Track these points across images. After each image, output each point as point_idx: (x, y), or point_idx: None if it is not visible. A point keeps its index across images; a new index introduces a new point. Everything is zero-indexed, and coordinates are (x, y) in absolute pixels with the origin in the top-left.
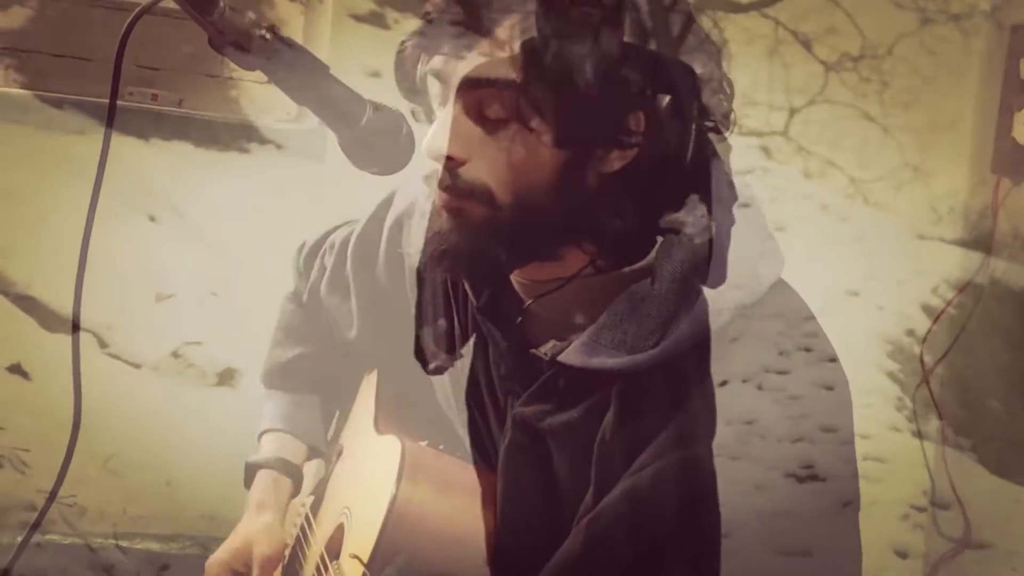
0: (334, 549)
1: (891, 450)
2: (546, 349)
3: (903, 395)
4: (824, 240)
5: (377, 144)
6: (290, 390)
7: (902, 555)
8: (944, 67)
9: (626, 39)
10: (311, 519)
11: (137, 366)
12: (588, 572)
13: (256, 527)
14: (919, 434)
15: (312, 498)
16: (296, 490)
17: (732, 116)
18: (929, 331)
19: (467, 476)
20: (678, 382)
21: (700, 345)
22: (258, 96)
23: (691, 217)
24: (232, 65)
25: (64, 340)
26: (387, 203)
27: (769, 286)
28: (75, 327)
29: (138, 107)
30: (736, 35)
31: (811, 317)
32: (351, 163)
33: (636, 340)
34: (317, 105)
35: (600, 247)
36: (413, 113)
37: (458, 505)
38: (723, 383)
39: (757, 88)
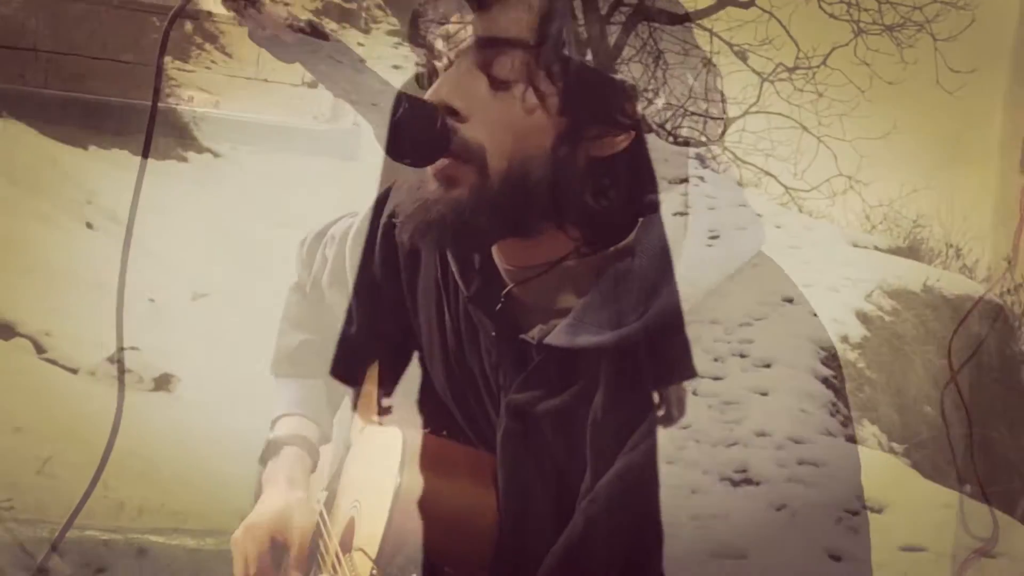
0: (347, 543)
1: (826, 454)
2: (533, 333)
3: (837, 400)
4: (759, 248)
5: (411, 136)
6: (299, 376)
7: (836, 558)
8: (878, 77)
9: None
10: (325, 515)
11: (74, 371)
12: (591, 553)
13: (294, 499)
14: (854, 438)
15: (326, 494)
16: (314, 467)
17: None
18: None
19: (470, 461)
20: (663, 354)
21: (680, 317)
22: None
23: (668, 196)
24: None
25: (2, 346)
26: (382, 200)
27: (705, 292)
28: (119, 355)
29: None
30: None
31: (747, 323)
32: (386, 154)
33: (620, 316)
34: (354, 97)
35: (583, 232)
36: (419, 76)
37: (462, 490)
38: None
39: (694, 99)
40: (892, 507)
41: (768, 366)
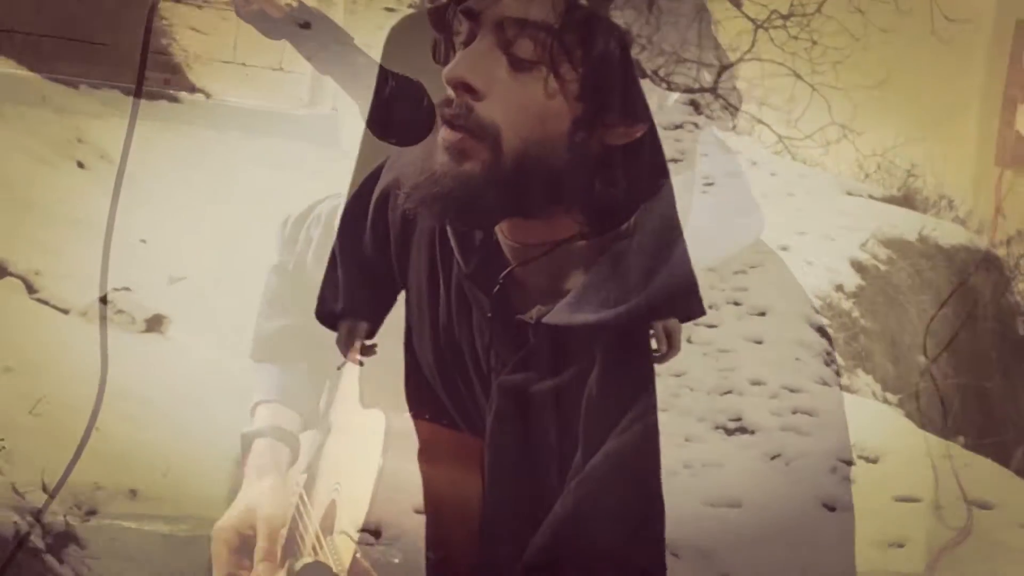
0: (328, 526)
1: (820, 404)
2: (532, 313)
3: (831, 349)
4: (754, 195)
5: (398, 114)
6: (279, 361)
7: (830, 508)
8: (873, 25)
9: None
10: (305, 497)
11: (65, 311)
12: (579, 532)
13: (258, 491)
14: (849, 388)
15: (305, 476)
16: (294, 457)
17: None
18: None
19: (453, 444)
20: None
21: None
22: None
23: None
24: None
25: None
26: (373, 177)
27: (702, 241)
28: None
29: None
30: None
31: (742, 271)
32: (372, 133)
33: (620, 296)
34: (341, 74)
35: (588, 216)
36: (436, 45)
37: (446, 473)
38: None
39: (686, 45)
40: (886, 457)
41: (763, 314)
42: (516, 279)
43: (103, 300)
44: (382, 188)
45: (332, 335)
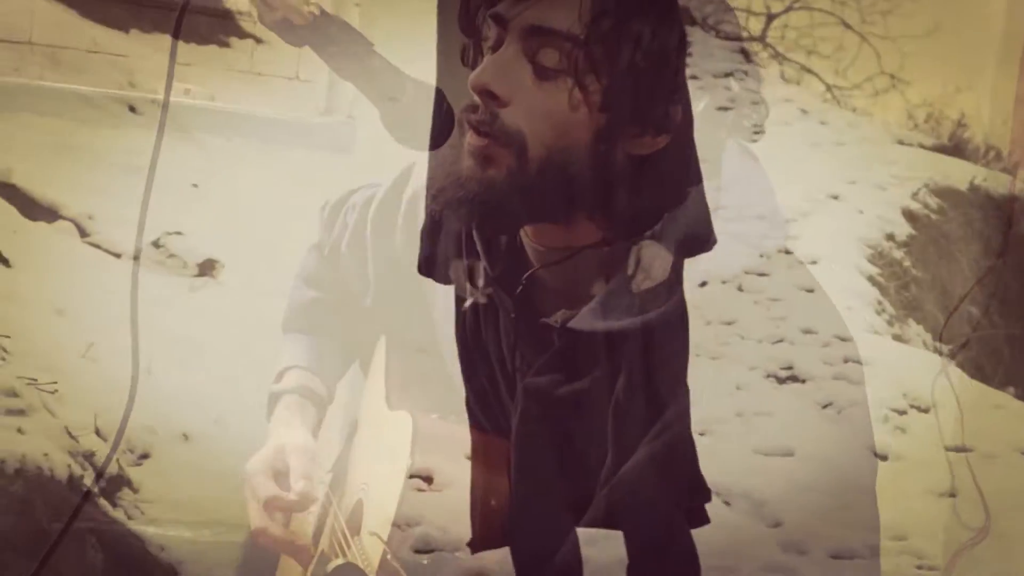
0: (355, 525)
1: (871, 352)
2: (557, 317)
3: (883, 298)
4: (805, 144)
5: (417, 119)
6: (308, 332)
7: (882, 457)
8: None
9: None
10: (331, 496)
11: (117, 255)
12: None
13: (289, 432)
14: (900, 337)
15: (331, 475)
16: (320, 418)
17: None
18: None
19: (480, 445)
20: (685, 337)
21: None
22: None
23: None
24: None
25: (45, 228)
26: (406, 175)
27: (753, 189)
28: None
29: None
30: None
31: (793, 220)
32: (392, 137)
33: (645, 302)
34: (361, 79)
35: (612, 223)
36: (464, 50)
37: (474, 476)
38: (703, 283)
39: None
40: (938, 407)
41: (814, 263)
42: (540, 282)
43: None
44: (414, 189)
45: (361, 312)
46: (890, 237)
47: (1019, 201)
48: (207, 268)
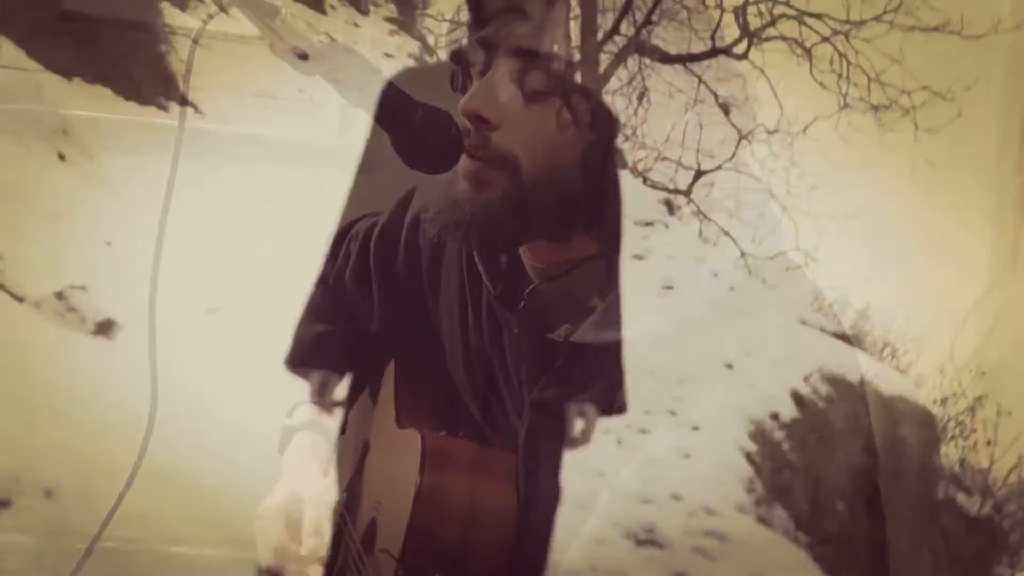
0: (369, 543)
1: (734, 530)
2: (560, 332)
3: (756, 478)
4: (709, 307)
5: (427, 143)
6: (317, 366)
7: None
8: (855, 156)
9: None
10: (346, 516)
11: (20, 299)
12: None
13: (306, 476)
14: (764, 520)
15: (346, 495)
16: (331, 452)
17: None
18: None
19: (488, 461)
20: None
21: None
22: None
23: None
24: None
25: None
26: (406, 200)
27: (652, 341)
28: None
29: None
30: (658, 85)
31: (683, 381)
32: (402, 161)
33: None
34: (372, 106)
35: (608, 236)
36: (453, 75)
37: (482, 489)
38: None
39: (670, 144)
40: None
41: (696, 428)
42: (542, 298)
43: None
44: (414, 213)
45: (368, 340)
46: (774, 416)
47: (904, 402)
48: (105, 328)
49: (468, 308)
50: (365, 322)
